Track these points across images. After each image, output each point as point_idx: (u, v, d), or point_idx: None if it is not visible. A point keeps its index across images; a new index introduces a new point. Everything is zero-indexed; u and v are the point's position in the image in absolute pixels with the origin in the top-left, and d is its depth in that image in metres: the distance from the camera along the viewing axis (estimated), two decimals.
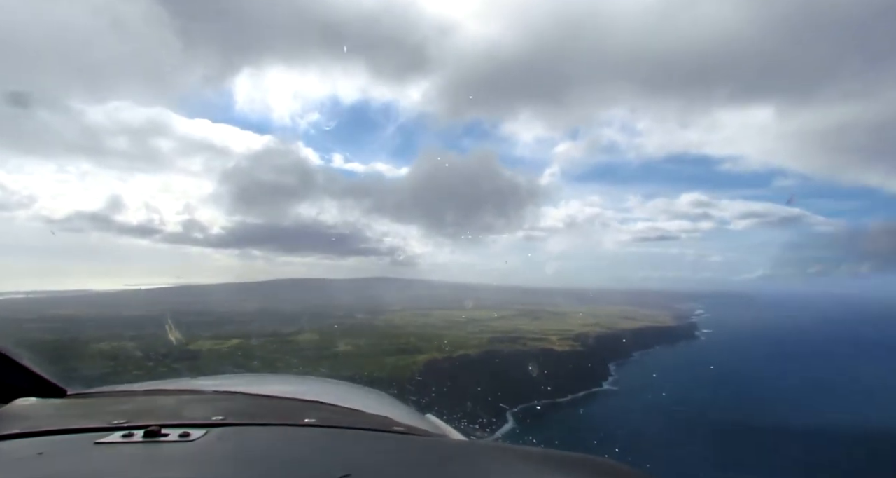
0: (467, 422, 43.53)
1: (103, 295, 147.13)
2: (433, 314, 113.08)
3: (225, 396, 2.15)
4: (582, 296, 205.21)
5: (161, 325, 71.74)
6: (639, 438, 49.17)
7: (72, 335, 59.88)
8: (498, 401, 53.64)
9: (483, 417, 48.95)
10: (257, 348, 57.68)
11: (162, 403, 1.93)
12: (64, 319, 77.00)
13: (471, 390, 49.57)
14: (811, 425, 54.56)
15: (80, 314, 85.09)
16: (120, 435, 1.37)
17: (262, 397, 2.17)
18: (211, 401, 1.98)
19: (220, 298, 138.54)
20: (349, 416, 1.98)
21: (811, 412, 60.88)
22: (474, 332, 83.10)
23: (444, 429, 2.36)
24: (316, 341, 64.81)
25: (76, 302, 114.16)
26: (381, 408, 2.30)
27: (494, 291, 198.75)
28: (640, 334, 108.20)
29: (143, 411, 1.71)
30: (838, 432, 52.51)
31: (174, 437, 1.38)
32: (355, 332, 73.12)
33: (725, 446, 49.58)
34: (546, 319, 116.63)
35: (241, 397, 2.13)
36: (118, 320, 76.89)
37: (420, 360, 57.75)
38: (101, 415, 1.59)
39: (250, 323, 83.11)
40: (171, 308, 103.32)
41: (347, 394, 2.80)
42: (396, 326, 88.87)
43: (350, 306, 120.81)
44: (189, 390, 2.33)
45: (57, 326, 66.46)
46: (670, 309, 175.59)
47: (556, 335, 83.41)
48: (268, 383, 3.12)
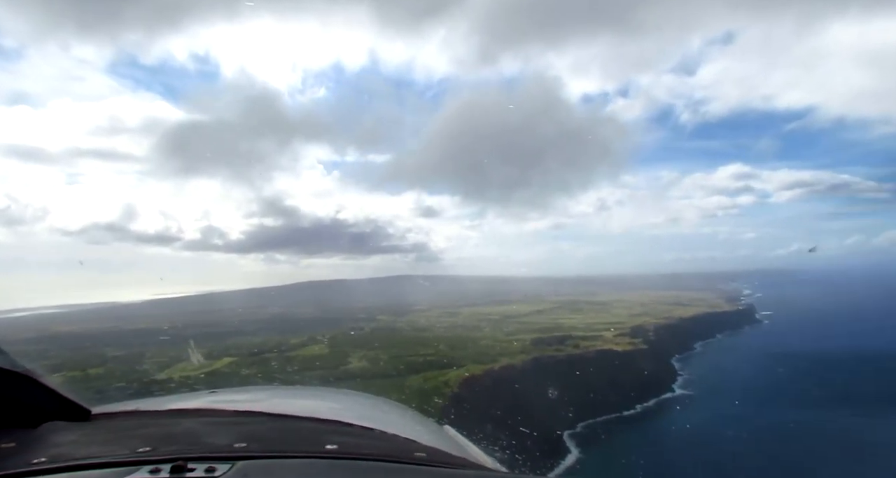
0: (523, 458, 32.44)
1: (129, 306, 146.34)
2: (462, 313, 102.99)
3: (245, 418, 2.12)
4: (618, 283, 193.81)
5: (149, 341, 64.05)
6: (752, 465, 37.15)
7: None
8: (556, 423, 42.41)
9: (542, 446, 37.86)
10: (251, 368, 47.63)
11: (185, 427, 1.89)
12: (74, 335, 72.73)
13: (522, 414, 38.10)
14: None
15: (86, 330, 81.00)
16: (147, 471, 1.38)
17: (280, 418, 2.14)
18: (232, 424, 1.95)
19: (239, 305, 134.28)
20: (370, 439, 1.96)
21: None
22: (512, 332, 71.67)
23: (465, 448, 2.41)
24: (324, 356, 54.48)
25: (96, 315, 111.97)
26: (402, 425, 2.35)
27: (524, 283, 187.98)
28: (698, 322, 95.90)
29: (166, 436, 1.74)
30: None
31: (200, 472, 1.38)
32: (374, 339, 62.47)
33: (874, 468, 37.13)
34: (588, 310, 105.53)
35: (261, 418, 2.11)
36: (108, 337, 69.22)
37: (452, 378, 45.96)
38: (126, 441, 1.62)
39: (258, 333, 74.06)
40: (186, 319, 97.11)
41: (365, 409, 2.83)
42: (422, 329, 78.18)
43: (372, 308, 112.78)
44: (209, 409, 2.31)
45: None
46: (716, 291, 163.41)
47: (609, 330, 71.30)
48: (287, 398, 3.11)
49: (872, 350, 72.30)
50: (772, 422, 46.61)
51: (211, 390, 3.01)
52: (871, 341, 78.99)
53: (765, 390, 57.14)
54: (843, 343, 79.54)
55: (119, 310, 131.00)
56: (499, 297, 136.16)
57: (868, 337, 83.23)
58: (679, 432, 46.90)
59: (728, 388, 59.26)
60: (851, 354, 71.13)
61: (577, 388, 49.89)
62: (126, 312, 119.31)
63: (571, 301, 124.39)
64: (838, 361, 66.88)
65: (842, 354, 71.68)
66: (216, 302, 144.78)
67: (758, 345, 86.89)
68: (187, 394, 2.84)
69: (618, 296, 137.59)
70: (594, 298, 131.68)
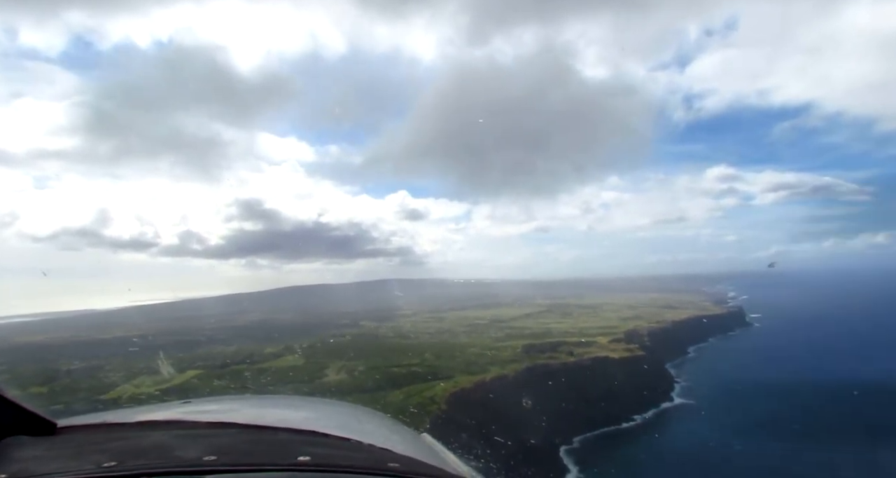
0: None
1: (104, 314, 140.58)
2: (448, 317, 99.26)
3: (217, 430, 2.07)
4: (604, 285, 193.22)
5: (116, 352, 59.17)
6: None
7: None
8: (552, 438, 38.85)
9: (538, 465, 34.26)
10: (216, 383, 43.02)
11: (153, 440, 1.83)
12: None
13: (516, 430, 34.40)
14: None
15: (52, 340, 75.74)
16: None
17: (254, 429, 2.09)
18: (202, 436, 1.88)
19: (217, 311, 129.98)
20: (344, 450, 1.95)
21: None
22: (501, 338, 68.06)
23: (442, 456, 2.44)
24: (299, 368, 50.06)
25: (67, 324, 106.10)
26: (378, 434, 2.37)
27: (510, 286, 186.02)
28: (690, 326, 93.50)
29: (134, 449, 1.68)
30: None
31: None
32: (355, 348, 58.20)
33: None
34: (578, 314, 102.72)
35: (233, 430, 2.07)
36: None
37: (439, 392, 41.60)
38: (92, 455, 1.55)
39: (232, 342, 69.37)
40: (160, 327, 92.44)
41: (342, 419, 2.84)
42: (406, 335, 74.14)
43: (355, 313, 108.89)
44: (180, 421, 2.21)
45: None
46: (702, 294, 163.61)
47: (602, 335, 68.18)
48: (261, 408, 3.08)
49: (870, 358, 70.42)
50: (779, 436, 43.67)
51: (184, 401, 2.92)
52: (868, 349, 77.24)
53: (768, 399, 54.39)
54: (841, 352, 77.14)
55: (93, 318, 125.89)
56: (486, 300, 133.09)
57: (861, 343, 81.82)
58: (682, 447, 43.72)
59: (729, 397, 56.45)
60: (853, 362, 68.89)
61: (572, 399, 46.53)
62: (100, 320, 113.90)
63: (559, 304, 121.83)
64: (842, 371, 63.61)
65: (840, 361, 69.40)
66: (194, 309, 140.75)
67: (753, 349, 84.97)
68: (160, 405, 2.73)
69: (605, 299, 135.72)
70: (582, 302, 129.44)
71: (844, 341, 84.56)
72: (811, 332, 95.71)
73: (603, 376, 51.45)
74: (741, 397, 55.68)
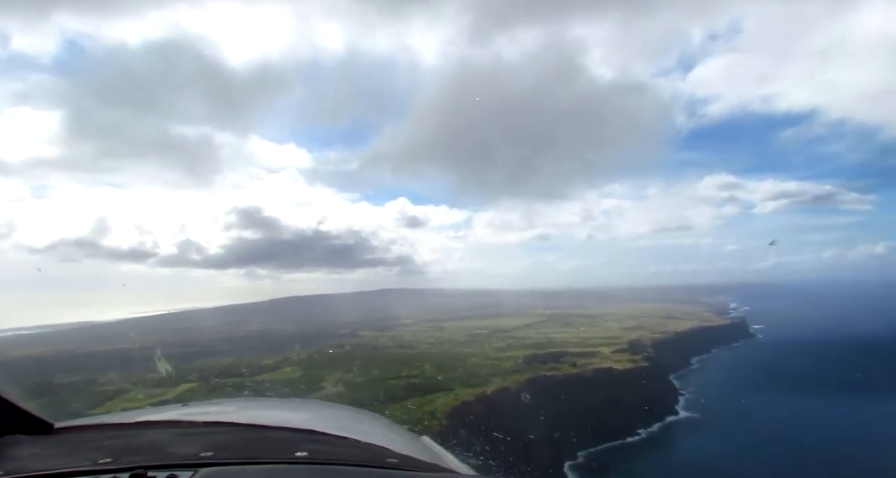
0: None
1: (103, 326, 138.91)
2: (448, 327, 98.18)
3: (214, 428, 2.08)
4: (604, 295, 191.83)
5: (109, 365, 58.12)
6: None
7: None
8: (556, 454, 37.68)
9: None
10: (208, 397, 41.99)
11: (149, 438, 1.85)
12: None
13: (520, 445, 33.34)
14: None
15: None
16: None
17: (252, 428, 2.11)
18: (199, 435, 1.90)
19: (216, 322, 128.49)
20: (342, 447, 1.97)
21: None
22: (502, 348, 67.00)
23: (441, 456, 2.44)
24: (296, 380, 49.02)
25: (66, 337, 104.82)
26: (377, 434, 2.38)
27: (511, 296, 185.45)
28: (693, 337, 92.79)
29: (129, 447, 1.70)
30: None
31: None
32: (354, 359, 57.09)
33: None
34: (579, 324, 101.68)
35: (231, 428, 2.09)
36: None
37: (440, 406, 40.47)
38: (87, 453, 1.58)
39: (229, 353, 68.29)
40: (158, 339, 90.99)
41: (341, 420, 2.87)
42: (407, 345, 73.05)
43: (355, 323, 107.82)
44: (178, 421, 2.24)
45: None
46: (703, 304, 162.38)
47: (605, 346, 67.16)
48: (260, 409, 3.07)
49: (874, 365, 69.27)
50: (788, 450, 42.51)
51: (183, 403, 2.90)
52: (871, 356, 76.05)
53: (774, 411, 53.27)
54: (845, 367, 75.72)
55: (92, 330, 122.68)
56: (486, 310, 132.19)
57: (867, 351, 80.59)
58: (689, 463, 42.48)
59: (735, 409, 55.21)
60: (856, 369, 67.67)
61: (576, 412, 45.36)
62: (98, 333, 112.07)
63: (560, 314, 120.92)
64: (848, 386, 61.84)
65: (845, 376, 67.90)
66: (193, 320, 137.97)
67: (756, 361, 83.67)
68: (157, 407, 2.84)
69: (606, 309, 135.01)
70: (583, 312, 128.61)
71: (849, 354, 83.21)
72: (815, 344, 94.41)
73: (607, 387, 50.44)
74: (747, 410, 54.49)
